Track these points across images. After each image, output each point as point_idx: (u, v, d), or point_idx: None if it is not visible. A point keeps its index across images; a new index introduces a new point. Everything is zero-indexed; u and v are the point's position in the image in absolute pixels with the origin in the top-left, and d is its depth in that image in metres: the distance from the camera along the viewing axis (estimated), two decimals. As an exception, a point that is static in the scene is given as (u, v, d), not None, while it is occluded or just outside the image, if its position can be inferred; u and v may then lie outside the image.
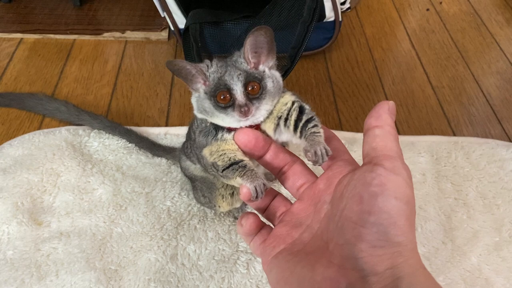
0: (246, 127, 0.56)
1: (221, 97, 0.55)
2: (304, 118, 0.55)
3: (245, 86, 0.54)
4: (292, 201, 0.51)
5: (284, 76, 1.13)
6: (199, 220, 0.93)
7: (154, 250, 0.88)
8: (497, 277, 0.87)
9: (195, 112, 0.61)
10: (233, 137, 0.56)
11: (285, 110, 0.57)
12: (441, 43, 1.47)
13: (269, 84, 0.56)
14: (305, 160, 0.52)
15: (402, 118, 1.21)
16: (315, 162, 0.48)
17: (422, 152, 1.08)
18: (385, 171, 0.38)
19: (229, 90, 0.54)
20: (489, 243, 0.92)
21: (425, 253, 0.90)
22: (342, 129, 1.16)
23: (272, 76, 0.57)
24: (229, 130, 0.58)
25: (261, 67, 0.57)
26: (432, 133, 1.16)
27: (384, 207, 0.36)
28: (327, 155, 0.48)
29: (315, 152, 0.48)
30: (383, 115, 0.42)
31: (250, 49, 0.55)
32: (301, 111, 0.56)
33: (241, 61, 0.56)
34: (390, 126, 0.42)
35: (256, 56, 0.56)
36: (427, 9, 1.62)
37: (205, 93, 0.56)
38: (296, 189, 0.50)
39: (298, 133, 0.55)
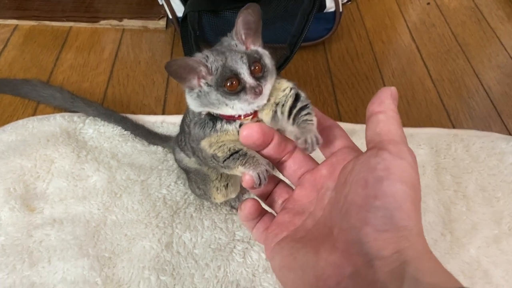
0: (249, 113, 0.56)
1: (229, 84, 0.53)
2: (299, 105, 0.55)
3: (250, 68, 0.53)
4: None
5: (283, 64, 1.12)
6: (195, 209, 0.92)
7: (149, 238, 0.87)
8: (496, 269, 0.86)
9: (194, 108, 0.59)
10: (238, 131, 0.55)
11: (283, 96, 0.56)
12: (441, 36, 1.46)
13: (267, 61, 0.56)
14: None
15: (401, 110, 1.20)
16: (305, 150, 0.48)
17: (421, 144, 1.07)
18: (390, 156, 0.37)
19: (236, 75, 0.53)
20: (488, 236, 0.91)
21: (424, 245, 0.89)
22: (341, 120, 1.14)
23: (265, 54, 0.57)
24: (228, 120, 0.57)
25: (253, 47, 0.56)
26: (432, 126, 1.15)
27: (390, 191, 0.36)
28: (318, 143, 0.47)
29: (306, 140, 0.47)
30: (385, 101, 0.42)
31: (242, 29, 0.55)
32: (296, 98, 0.56)
33: (235, 43, 0.55)
34: (393, 111, 0.41)
35: (246, 35, 0.56)
36: (428, 3, 1.60)
37: (209, 85, 0.55)
38: (298, 178, 0.49)
39: (291, 120, 0.54)
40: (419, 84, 1.28)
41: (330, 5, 1.27)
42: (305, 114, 0.53)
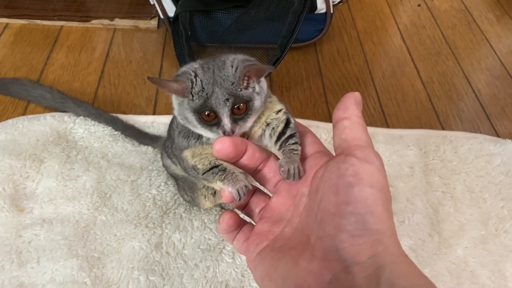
0: None
1: (207, 114, 0.52)
2: (288, 132, 0.55)
3: (232, 110, 0.52)
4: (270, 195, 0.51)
5: (274, 66, 1.12)
6: (185, 209, 0.92)
7: (138, 238, 0.87)
8: (483, 269, 0.87)
9: (176, 113, 0.57)
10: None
11: (275, 119, 0.56)
12: (431, 38, 1.47)
13: (257, 102, 0.53)
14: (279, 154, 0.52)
15: (391, 111, 1.21)
16: (286, 178, 0.48)
17: (410, 145, 1.07)
18: (357, 161, 0.38)
19: (215, 112, 0.52)
20: (475, 236, 0.92)
21: (412, 245, 0.90)
22: (331, 121, 1.15)
23: (260, 91, 0.54)
24: None
25: (251, 83, 0.53)
26: (421, 127, 1.16)
27: (360, 196, 0.36)
28: (299, 174, 0.48)
29: (289, 170, 0.48)
30: (350, 107, 0.42)
31: (244, 76, 0.52)
32: (286, 123, 0.56)
33: (232, 81, 0.52)
34: (357, 117, 0.42)
35: (248, 75, 0.53)
36: (419, 5, 1.62)
37: (189, 105, 0.53)
38: (274, 186, 0.50)
39: (278, 146, 0.55)
40: (409, 86, 1.29)
41: (321, 6, 1.27)
42: (293, 143, 0.53)
